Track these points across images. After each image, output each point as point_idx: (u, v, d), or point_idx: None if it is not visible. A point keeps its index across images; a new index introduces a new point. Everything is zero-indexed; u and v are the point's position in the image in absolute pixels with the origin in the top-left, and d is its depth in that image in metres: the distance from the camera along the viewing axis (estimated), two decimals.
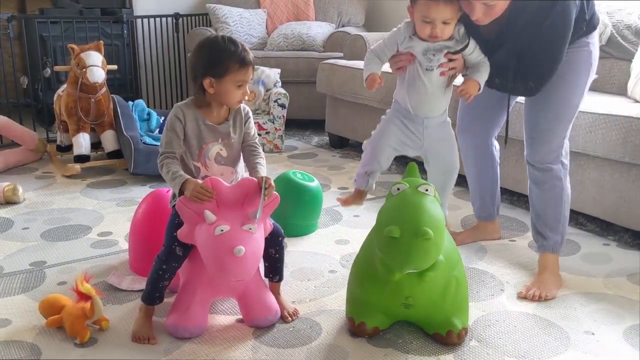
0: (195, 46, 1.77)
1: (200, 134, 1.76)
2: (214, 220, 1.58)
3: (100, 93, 3.25)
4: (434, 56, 1.85)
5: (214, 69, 1.69)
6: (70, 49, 3.23)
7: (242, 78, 1.71)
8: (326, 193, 2.87)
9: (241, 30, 4.51)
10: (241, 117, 1.83)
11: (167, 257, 1.69)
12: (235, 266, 1.55)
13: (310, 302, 1.93)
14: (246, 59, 1.71)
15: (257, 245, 1.61)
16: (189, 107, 1.77)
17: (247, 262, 1.56)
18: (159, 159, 1.74)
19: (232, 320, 1.82)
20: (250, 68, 1.72)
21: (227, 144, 1.79)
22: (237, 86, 1.72)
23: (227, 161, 1.79)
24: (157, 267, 1.70)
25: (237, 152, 1.83)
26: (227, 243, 1.54)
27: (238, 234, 1.57)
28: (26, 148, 3.44)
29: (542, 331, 1.78)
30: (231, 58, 1.69)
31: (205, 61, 1.71)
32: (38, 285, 2.01)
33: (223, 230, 1.56)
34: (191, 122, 1.75)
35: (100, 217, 2.64)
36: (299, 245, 2.35)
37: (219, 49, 1.70)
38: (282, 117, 3.74)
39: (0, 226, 2.52)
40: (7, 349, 1.65)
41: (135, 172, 3.11)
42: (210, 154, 1.77)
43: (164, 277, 1.70)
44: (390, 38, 1.92)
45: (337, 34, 4.42)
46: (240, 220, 1.60)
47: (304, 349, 1.68)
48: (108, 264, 2.18)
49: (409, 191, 1.62)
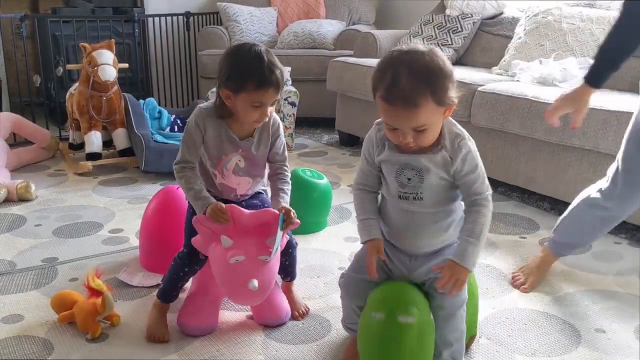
0: (225, 51, 1.63)
1: (221, 144, 1.66)
2: (230, 245, 1.56)
3: (111, 91, 3.27)
4: (409, 181, 1.38)
5: (231, 82, 1.55)
6: (82, 48, 3.25)
7: (259, 99, 1.54)
8: (336, 191, 2.87)
9: (252, 29, 4.52)
10: (268, 134, 1.69)
11: (190, 261, 1.68)
12: (248, 297, 1.59)
13: (320, 299, 1.93)
14: (267, 79, 1.52)
15: (271, 274, 1.61)
16: (212, 114, 1.65)
17: (260, 294, 1.58)
18: (176, 169, 1.66)
19: (242, 317, 1.83)
20: (270, 90, 1.53)
21: (246, 156, 1.69)
22: (254, 106, 1.56)
23: (245, 172, 1.71)
24: (178, 268, 1.69)
25: (258, 165, 1.73)
26: (242, 275, 1.54)
27: (253, 266, 1.55)
28: (39, 146, 3.47)
29: (552, 329, 1.77)
30: (249, 75, 1.52)
31: (225, 71, 1.56)
32: (50, 282, 2.03)
33: (238, 260, 1.54)
34: (213, 130, 1.64)
35: (112, 215, 2.66)
36: (308, 243, 2.36)
37: (240, 62, 1.54)
38: (292, 115, 3.74)
39: (13, 223, 2.54)
40: (19, 344, 1.66)
41: (146, 169, 3.13)
42: (229, 165, 1.69)
43: (183, 279, 1.71)
44: (362, 158, 1.48)
45: (348, 31, 4.42)
46: (257, 250, 1.56)
47: (313, 345, 1.68)
48: (119, 260, 2.19)
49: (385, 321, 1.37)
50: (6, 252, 2.25)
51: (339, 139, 4.02)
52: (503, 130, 2.76)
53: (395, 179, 1.40)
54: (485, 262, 2.18)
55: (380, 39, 3.96)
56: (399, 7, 4.75)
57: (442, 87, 1.26)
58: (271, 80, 1.53)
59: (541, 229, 2.48)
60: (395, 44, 3.98)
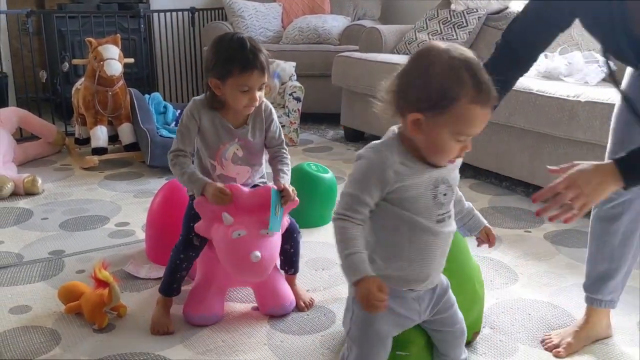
0: (210, 43, 1.68)
1: (217, 133, 1.70)
2: (232, 223, 1.59)
3: (117, 86, 3.28)
4: (444, 196, 1.20)
5: (218, 69, 1.60)
6: (88, 43, 3.27)
7: (244, 82, 1.59)
8: (341, 185, 2.88)
9: (257, 24, 4.53)
10: (262, 120, 1.74)
11: (185, 247, 1.70)
12: (252, 270, 1.58)
13: (324, 291, 1.94)
14: (250, 62, 1.57)
15: (273, 248, 1.62)
16: (206, 105, 1.69)
17: (264, 266, 1.58)
18: (170, 157, 1.70)
19: (247, 308, 1.84)
20: (255, 72, 1.58)
21: (243, 145, 1.73)
22: (242, 91, 1.60)
23: (243, 161, 1.75)
24: (175, 257, 1.72)
25: (256, 153, 1.77)
26: (244, 248, 1.56)
27: (255, 239, 1.58)
28: (45, 141, 3.49)
29: (555, 319, 1.78)
30: (233, 60, 1.57)
31: (212, 60, 1.62)
32: (57, 273, 2.04)
33: (240, 234, 1.57)
34: (208, 120, 1.69)
35: (118, 208, 2.67)
36: (313, 236, 2.37)
37: (224, 49, 1.60)
38: (297, 110, 3.75)
39: (21, 216, 2.56)
40: (28, 334, 1.68)
41: (152, 164, 3.15)
42: (228, 154, 1.72)
43: (181, 267, 1.72)
44: (365, 180, 1.16)
45: (353, 27, 4.42)
46: (257, 225, 1.60)
47: (317, 336, 1.69)
48: (125, 253, 2.21)
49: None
50: (14, 245, 2.27)
51: (344, 135, 4.02)
52: (508, 124, 2.76)
53: (432, 200, 1.18)
54: (489, 255, 2.19)
55: (386, 34, 3.97)
56: (404, 2, 4.75)
57: None
58: (255, 63, 1.58)
59: (545, 223, 2.48)
60: (400, 39, 3.99)
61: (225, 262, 1.62)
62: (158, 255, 2.08)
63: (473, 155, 3.22)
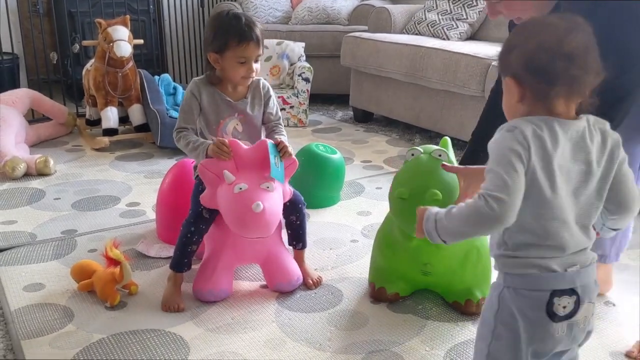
0: (207, 21, 1.79)
1: (217, 109, 1.78)
2: (233, 180, 1.63)
3: (127, 67, 3.30)
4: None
5: (216, 43, 1.70)
6: (98, 24, 3.28)
7: (242, 54, 1.69)
8: (349, 166, 2.89)
9: (265, 4, 4.51)
10: (260, 95, 1.83)
11: (195, 220, 1.74)
12: (255, 222, 1.59)
13: (332, 270, 1.97)
14: (246, 34, 1.68)
15: (275, 202, 1.65)
16: (205, 82, 1.79)
17: (266, 218, 1.60)
18: (175, 135, 1.79)
19: (256, 286, 1.87)
20: (251, 44, 1.69)
21: (243, 120, 1.81)
22: (239, 62, 1.70)
23: (243, 136, 1.81)
24: (185, 230, 1.74)
25: (255, 129, 1.85)
26: (246, 200, 1.59)
27: (256, 192, 1.61)
28: (57, 122, 3.52)
29: None
30: (230, 33, 1.68)
31: (209, 36, 1.73)
32: (70, 252, 2.08)
33: (242, 188, 1.61)
34: (208, 97, 1.78)
35: (129, 189, 2.70)
36: (321, 216, 2.39)
37: (220, 24, 1.71)
38: (306, 91, 3.75)
39: (33, 196, 2.60)
40: (42, 311, 1.72)
41: (162, 145, 3.17)
42: (227, 129, 1.80)
43: (191, 241, 1.74)
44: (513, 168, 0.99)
45: (362, 7, 4.40)
46: (258, 180, 1.65)
47: (325, 313, 1.72)
48: (136, 232, 2.24)
49: (422, 157, 1.64)
50: (27, 224, 2.31)
51: (353, 115, 4.02)
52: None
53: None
54: None
55: (395, 13, 3.95)
56: None
57: None
58: (251, 35, 1.69)
59: None
60: (409, 19, 3.96)
61: (229, 218, 1.65)
62: (168, 234, 2.11)
63: None
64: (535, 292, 1.01)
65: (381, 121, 3.91)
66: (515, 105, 1.05)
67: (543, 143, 0.98)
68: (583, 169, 1.02)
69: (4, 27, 3.73)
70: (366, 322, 1.68)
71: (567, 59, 0.99)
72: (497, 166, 0.98)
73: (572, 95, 1.02)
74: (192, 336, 1.61)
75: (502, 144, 0.99)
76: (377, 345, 1.58)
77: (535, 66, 1.00)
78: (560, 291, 1.01)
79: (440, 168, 1.57)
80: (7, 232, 2.24)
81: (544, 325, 1.02)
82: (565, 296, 1.01)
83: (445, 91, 3.23)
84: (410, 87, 3.46)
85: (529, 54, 1.01)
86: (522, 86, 1.03)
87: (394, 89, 3.58)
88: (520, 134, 0.98)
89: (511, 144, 0.98)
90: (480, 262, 1.70)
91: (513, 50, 1.04)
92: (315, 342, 1.59)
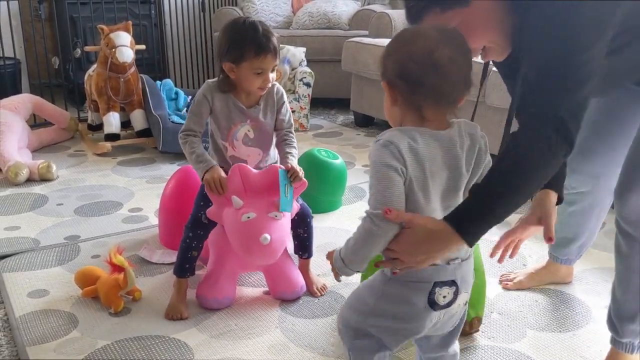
0: (221, 28, 1.73)
1: (229, 114, 1.75)
2: (241, 206, 1.62)
3: (129, 73, 3.31)
4: None
5: (232, 54, 1.66)
6: (100, 30, 3.29)
7: (259, 65, 1.65)
8: (351, 171, 2.90)
9: (267, 9, 4.53)
10: (273, 102, 1.79)
11: (193, 225, 1.75)
12: (262, 252, 1.61)
13: None
14: (264, 45, 1.64)
15: (282, 231, 1.65)
16: (218, 88, 1.75)
17: (273, 248, 1.61)
18: (181, 136, 1.75)
19: (259, 292, 1.88)
20: (269, 56, 1.65)
21: (255, 126, 1.77)
22: (256, 73, 1.66)
23: (254, 143, 1.79)
24: (185, 236, 1.76)
25: (267, 135, 1.80)
26: (254, 231, 1.59)
27: (264, 222, 1.61)
28: (59, 127, 3.53)
29: (563, 305, 1.80)
30: (248, 44, 1.64)
31: (225, 45, 1.67)
32: (73, 258, 2.09)
33: (249, 217, 1.60)
34: (220, 101, 1.74)
35: (131, 194, 2.71)
36: (323, 221, 2.40)
37: (237, 34, 1.66)
38: (307, 95, 3.76)
39: (36, 202, 2.61)
40: (47, 317, 1.73)
41: (164, 150, 3.18)
42: (239, 135, 1.77)
43: (191, 246, 1.75)
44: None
45: (363, 11, 4.41)
46: (267, 207, 1.63)
47: (328, 319, 1.73)
48: (139, 238, 2.25)
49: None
50: (30, 230, 2.32)
51: (354, 120, 4.03)
52: None
53: None
54: (495, 239, 2.20)
55: (396, 18, 3.96)
56: None
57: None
58: (269, 47, 1.65)
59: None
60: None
61: (236, 245, 1.66)
62: (171, 240, 2.12)
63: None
64: (420, 284, 1.10)
65: (382, 125, 3.92)
66: (391, 108, 1.11)
67: (417, 156, 1.04)
68: (453, 175, 1.09)
69: (5, 32, 3.75)
70: None
71: (432, 70, 1.03)
72: (377, 183, 1.05)
73: (440, 104, 1.07)
74: (196, 342, 1.62)
75: (380, 160, 1.05)
76: None
77: (405, 74, 1.05)
78: (442, 282, 1.10)
79: None
80: (11, 237, 2.25)
81: (424, 312, 1.11)
82: (445, 287, 1.10)
83: None
84: None
85: (400, 62, 1.06)
86: (395, 91, 1.08)
87: None
88: (396, 149, 1.03)
89: (388, 159, 1.03)
90: (474, 281, 1.64)
91: (389, 57, 1.09)
92: (318, 348, 1.60)
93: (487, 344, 1.62)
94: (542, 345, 1.62)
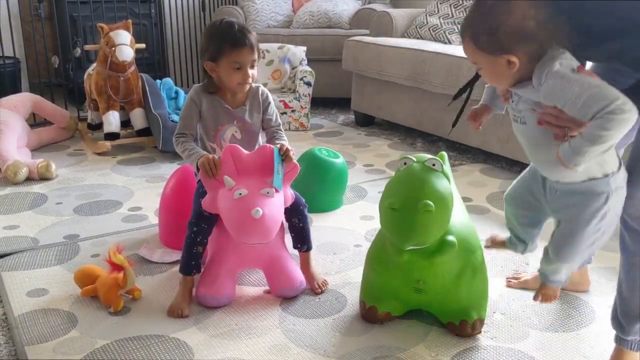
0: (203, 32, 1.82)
1: (216, 116, 1.82)
2: (233, 185, 1.63)
3: (129, 72, 3.30)
4: (516, 105, 1.38)
5: (210, 52, 1.74)
6: (100, 28, 3.28)
7: (236, 59, 1.72)
8: (351, 170, 2.89)
9: (267, 8, 4.52)
10: (259, 103, 1.86)
11: (197, 220, 1.74)
12: (254, 227, 1.59)
13: (336, 275, 1.96)
14: (239, 39, 1.71)
15: (275, 208, 1.64)
16: (204, 90, 1.82)
17: (266, 224, 1.60)
18: (174, 139, 1.82)
19: (259, 292, 1.87)
20: (244, 49, 1.72)
21: (241, 127, 1.83)
22: (235, 68, 1.73)
23: (241, 143, 1.80)
24: (189, 232, 1.75)
25: (253, 136, 1.86)
26: (245, 205, 1.59)
27: (256, 198, 1.61)
28: (58, 126, 3.52)
29: (567, 305, 1.79)
30: (223, 39, 1.72)
31: (204, 45, 1.76)
32: (72, 257, 2.08)
33: (241, 194, 1.61)
34: (207, 103, 1.81)
35: (131, 193, 2.70)
36: (324, 221, 2.39)
37: (214, 32, 1.75)
38: (307, 95, 3.75)
39: (35, 201, 2.60)
40: (46, 317, 1.72)
41: (164, 149, 3.17)
42: (226, 136, 1.83)
43: (196, 241, 1.74)
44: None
45: (364, 10, 4.40)
46: (259, 186, 1.65)
47: (329, 319, 1.72)
48: (139, 237, 2.24)
49: (415, 165, 1.54)
50: (29, 229, 2.30)
51: (354, 119, 4.02)
52: None
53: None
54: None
55: (396, 17, 3.95)
56: None
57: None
58: (244, 41, 1.72)
59: None
60: (411, 23, 3.96)
61: (229, 224, 1.65)
62: (171, 239, 2.10)
63: (483, 139, 3.21)
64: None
65: (383, 125, 3.91)
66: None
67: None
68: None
69: (5, 31, 3.74)
70: (371, 328, 1.67)
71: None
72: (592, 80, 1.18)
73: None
74: (196, 342, 1.60)
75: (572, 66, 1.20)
76: (382, 351, 1.57)
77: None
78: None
79: (434, 177, 1.50)
80: (10, 237, 2.24)
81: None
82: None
83: (447, 95, 3.22)
84: (411, 91, 3.46)
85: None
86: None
87: (396, 93, 3.58)
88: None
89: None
90: (475, 281, 1.61)
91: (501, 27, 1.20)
92: (319, 348, 1.58)
93: (490, 344, 1.61)
94: (545, 345, 1.61)
